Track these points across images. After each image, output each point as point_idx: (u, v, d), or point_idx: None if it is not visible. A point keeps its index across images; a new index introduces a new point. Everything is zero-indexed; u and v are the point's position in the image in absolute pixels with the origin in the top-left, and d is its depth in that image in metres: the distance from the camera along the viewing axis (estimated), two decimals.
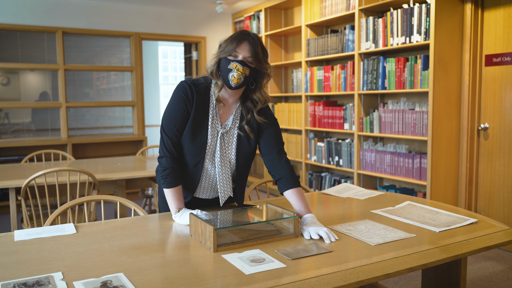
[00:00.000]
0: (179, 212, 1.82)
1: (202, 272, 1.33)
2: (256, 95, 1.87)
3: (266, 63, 1.82)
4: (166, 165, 1.85)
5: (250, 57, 1.75)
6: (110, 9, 5.67)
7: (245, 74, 1.76)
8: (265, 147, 1.92)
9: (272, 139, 1.91)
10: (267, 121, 1.91)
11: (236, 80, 1.75)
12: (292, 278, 1.27)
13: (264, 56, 1.80)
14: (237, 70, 1.74)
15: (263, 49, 1.79)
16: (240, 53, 1.75)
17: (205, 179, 1.92)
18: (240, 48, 1.75)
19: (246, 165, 1.94)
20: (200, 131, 1.84)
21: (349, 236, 1.63)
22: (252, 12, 5.92)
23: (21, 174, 3.13)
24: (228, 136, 1.89)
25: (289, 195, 1.84)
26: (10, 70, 5.38)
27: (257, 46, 1.76)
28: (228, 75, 1.76)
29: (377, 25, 4.07)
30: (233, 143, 1.89)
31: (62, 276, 1.28)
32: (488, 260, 3.39)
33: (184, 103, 1.82)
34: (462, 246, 1.56)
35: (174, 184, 1.84)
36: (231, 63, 1.75)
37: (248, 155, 1.92)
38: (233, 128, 1.89)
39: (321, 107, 4.84)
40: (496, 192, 3.66)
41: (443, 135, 3.70)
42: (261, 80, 1.85)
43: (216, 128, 1.87)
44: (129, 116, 6.12)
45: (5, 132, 5.39)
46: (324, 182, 4.91)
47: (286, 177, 1.86)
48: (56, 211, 1.93)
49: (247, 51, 1.75)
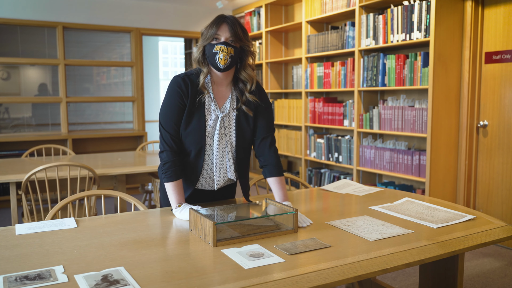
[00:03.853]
0: (180, 207, 1.85)
1: (202, 266, 1.35)
2: (242, 75, 1.93)
3: (248, 41, 1.89)
4: (166, 159, 1.88)
5: (231, 37, 1.82)
6: (111, 4, 5.67)
7: (230, 54, 1.82)
8: (258, 131, 1.99)
9: (266, 124, 1.99)
10: (260, 101, 1.97)
11: (223, 61, 1.81)
12: (291, 273, 1.29)
13: (244, 35, 1.87)
14: (222, 51, 1.81)
15: (242, 28, 1.86)
16: (222, 35, 1.82)
17: (206, 167, 1.94)
18: (221, 31, 1.82)
19: (246, 147, 1.98)
20: (198, 119, 1.89)
21: (348, 232, 1.65)
22: (252, 8, 5.92)
23: (22, 169, 3.14)
24: (227, 119, 1.93)
25: (272, 182, 1.97)
26: (10, 65, 5.38)
27: (236, 26, 1.84)
28: (215, 58, 1.82)
29: (377, 22, 4.08)
30: (233, 125, 1.94)
31: (63, 270, 1.29)
32: (486, 257, 3.41)
33: (179, 97, 1.87)
34: (460, 242, 1.57)
35: (175, 178, 1.88)
36: (215, 46, 1.81)
37: (248, 135, 1.97)
38: (231, 111, 1.94)
39: (321, 104, 4.85)
40: (495, 189, 3.67)
41: (442, 132, 3.71)
42: (245, 58, 1.91)
43: (215, 112, 1.91)
44: (129, 112, 6.13)
45: (5, 126, 5.40)
46: (324, 178, 4.93)
47: (273, 164, 1.97)
48: (57, 206, 1.94)
49: (227, 32, 1.82)
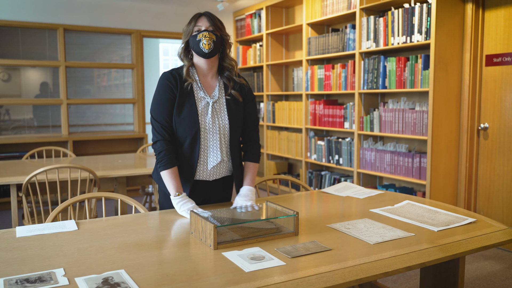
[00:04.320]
0: (179, 197, 1.92)
1: (202, 269, 1.35)
2: (226, 62, 2.08)
3: (226, 32, 2.05)
4: (160, 148, 1.97)
5: (211, 26, 1.98)
6: (112, 6, 5.68)
7: (213, 39, 1.95)
8: (247, 121, 2.15)
9: (253, 115, 2.16)
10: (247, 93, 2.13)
11: (207, 45, 1.94)
12: (292, 276, 1.28)
13: (222, 26, 2.03)
14: (205, 37, 1.94)
15: (219, 21, 2.03)
16: (202, 25, 1.98)
17: (203, 151, 2.01)
18: (200, 22, 1.99)
19: (238, 131, 2.10)
20: (190, 105, 1.98)
21: (348, 235, 1.64)
22: (253, 10, 5.92)
23: (22, 171, 3.14)
24: (218, 104, 2.05)
25: (247, 165, 2.15)
26: (11, 67, 5.39)
27: (214, 18, 2.01)
28: (199, 45, 1.95)
29: (378, 24, 4.08)
30: (224, 109, 2.05)
31: (64, 272, 1.29)
32: (487, 260, 3.40)
33: (169, 89, 1.98)
34: (460, 245, 1.57)
35: (170, 165, 1.95)
36: (198, 35, 1.96)
37: (239, 118, 2.09)
38: (221, 97, 2.06)
39: (322, 106, 4.85)
40: (495, 192, 3.67)
41: (443, 134, 3.71)
42: (225, 48, 2.07)
43: (205, 99, 2.02)
44: (129, 114, 6.13)
45: (6, 128, 5.40)
46: (324, 181, 4.93)
47: (253, 152, 2.16)
48: (57, 208, 1.94)
49: (207, 22, 1.98)
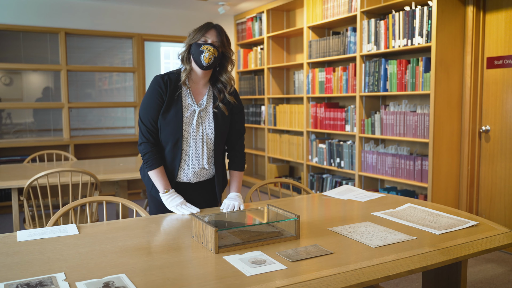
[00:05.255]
0: (168, 193, 2.03)
1: (203, 273, 1.34)
2: (223, 77, 2.14)
3: (230, 49, 2.11)
4: (145, 150, 2.06)
5: (218, 42, 2.03)
6: (113, 10, 5.69)
7: (214, 55, 2.02)
8: (233, 131, 2.21)
9: (240, 126, 2.23)
10: (237, 103, 2.18)
11: (208, 59, 2.01)
12: (293, 280, 1.28)
13: (228, 43, 2.09)
14: (208, 50, 2.01)
15: (227, 37, 2.08)
16: (209, 38, 2.03)
17: (184, 156, 2.09)
18: (209, 34, 2.03)
19: (222, 141, 2.17)
20: (176, 111, 2.05)
21: (350, 238, 1.64)
22: (254, 13, 5.93)
23: (24, 175, 3.14)
24: (204, 113, 2.11)
25: (232, 174, 2.23)
26: (13, 71, 5.40)
27: (223, 33, 2.06)
28: (200, 56, 2.01)
29: (379, 27, 4.08)
30: (210, 119, 2.11)
31: (65, 277, 1.29)
32: (489, 263, 3.39)
33: (158, 95, 2.04)
34: (462, 248, 1.57)
35: (157, 165, 2.05)
36: (203, 46, 2.01)
37: (224, 130, 2.15)
38: (208, 106, 2.12)
39: (323, 109, 4.85)
40: (497, 195, 3.66)
41: (444, 137, 3.70)
42: (226, 64, 2.13)
43: (192, 106, 2.08)
44: (131, 117, 6.14)
45: (7, 132, 5.41)
46: (326, 184, 4.92)
47: (237, 161, 2.23)
48: (58, 212, 1.94)
49: (215, 37, 2.03)
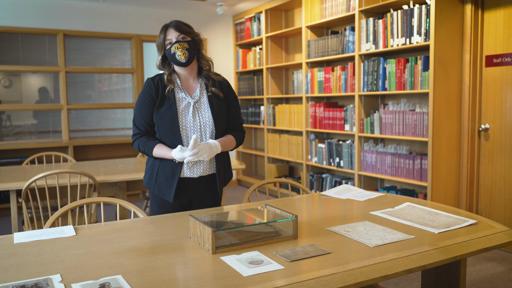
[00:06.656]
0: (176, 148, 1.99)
1: (200, 274, 1.34)
2: (201, 63, 2.20)
3: (195, 32, 2.15)
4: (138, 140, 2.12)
5: (180, 34, 2.08)
6: (111, 11, 5.69)
7: (186, 47, 2.07)
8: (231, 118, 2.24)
9: (236, 113, 2.26)
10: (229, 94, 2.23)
11: (183, 55, 2.07)
12: (291, 280, 1.27)
13: (190, 28, 2.13)
14: (177, 48, 2.06)
15: (185, 24, 2.13)
16: (172, 37, 2.09)
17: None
18: (169, 35, 2.10)
19: (223, 125, 2.19)
20: (169, 108, 2.09)
21: (348, 238, 1.63)
22: (252, 13, 5.93)
23: (22, 176, 3.14)
24: (199, 104, 2.15)
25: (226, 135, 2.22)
26: (12, 73, 5.39)
27: (180, 25, 2.10)
28: (175, 57, 2.08)
29: (377, 26, 4.08)
30: (206, 108, 2.15)
31: (61, 279, 1.28)
32: (489, 261, 3.38)
33: (150, 96, 2.11)
34: (462, 247, 1.56)
35: (153, 143, 2.09)
36: (171, 48, 2.08)
37: (223, 112, 2.19)
38: (202, 96, 2.17)
39: (322, 109, 4.84)
40: (497, 193, 3.65)
41: (443, 136, 3.69)
42: (200, 48, 2.17)
43: (186, 99, 2.13)
44: (130, 118, 6.13)
45: (6, 134, 5.40)
46: (325, 183, 4.91)
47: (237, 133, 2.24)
48: (56, 213, 1.93)
49: (174, 32, 2.09)
